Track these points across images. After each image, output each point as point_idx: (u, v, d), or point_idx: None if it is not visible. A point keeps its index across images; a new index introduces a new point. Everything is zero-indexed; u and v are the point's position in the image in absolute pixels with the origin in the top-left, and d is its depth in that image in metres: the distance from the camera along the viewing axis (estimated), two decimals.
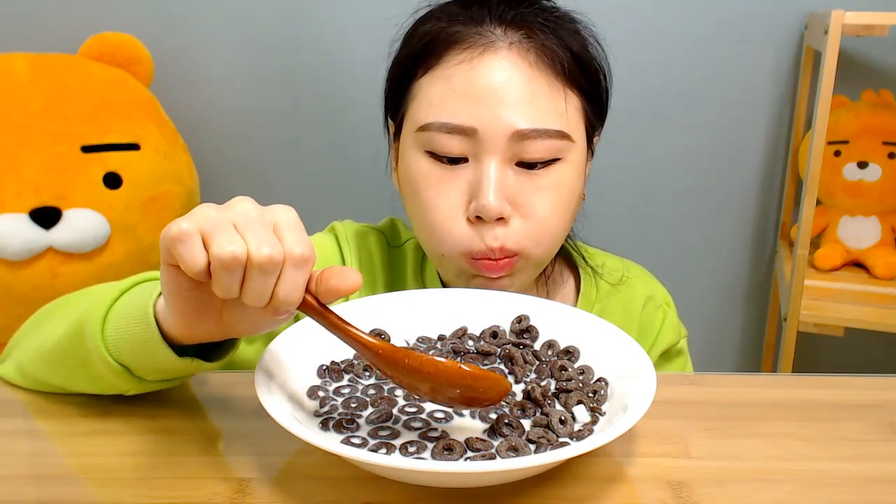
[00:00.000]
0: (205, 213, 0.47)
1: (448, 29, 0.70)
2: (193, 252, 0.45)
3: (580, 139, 0.71)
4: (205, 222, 0.46)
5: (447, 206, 0.69)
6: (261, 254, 0.45)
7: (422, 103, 0.70)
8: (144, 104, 1.40)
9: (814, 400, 0.63)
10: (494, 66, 0.67)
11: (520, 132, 0.67)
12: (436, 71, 0.69)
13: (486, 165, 0.68)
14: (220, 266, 0.45)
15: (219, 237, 0.45)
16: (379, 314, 0.64)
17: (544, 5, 0.73)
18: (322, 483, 0.51)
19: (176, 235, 0.45)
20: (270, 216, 0.48)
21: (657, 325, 0.84)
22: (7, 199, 1.22)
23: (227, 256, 0.45)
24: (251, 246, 0.45)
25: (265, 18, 1.51)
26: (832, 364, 1.67)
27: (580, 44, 0.72)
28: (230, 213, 0.47)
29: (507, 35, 0.69)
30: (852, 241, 1.54)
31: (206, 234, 0.45)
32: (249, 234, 0.46)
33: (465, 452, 0.49)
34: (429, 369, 0.49)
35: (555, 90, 0.69)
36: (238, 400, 0.62)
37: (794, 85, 1.52)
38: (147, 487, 0.50)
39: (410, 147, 0.71)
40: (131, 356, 0.54)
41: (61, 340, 0.58)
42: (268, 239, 0.46)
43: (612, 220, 1.58)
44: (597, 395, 0.56)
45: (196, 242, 0.45)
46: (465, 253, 0.70)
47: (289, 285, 0.47)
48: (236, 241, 0.45)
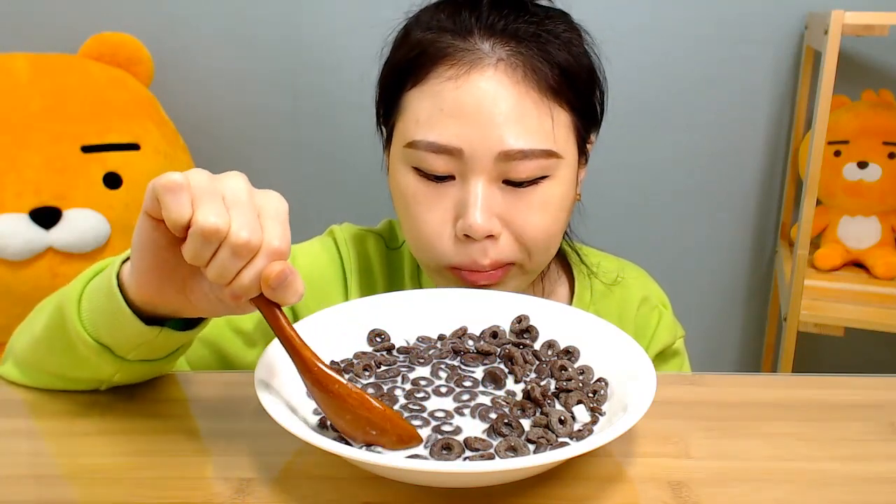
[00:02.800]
0: (198, 177, 0.47)
1: (437, 42, 0.69)
2: (180, 205, 0.46)
3: (570, 154, 0.71)
4: (196, 184, 0.47)
5: (434, 221, 0.70)
6: (239, 236, 0.46)
7: (409, 119, 0.69)
8: (144, 104, 1.40)
9: (814, 400, 0.63)
10: (481, 85, 0.67)
11: (506, 152, 0.66)
12: (424, 86, 0.69)
13: (472, 185, 0.68)
14: (199, 232, 0.46)
15: (206, 204, 0.46)
16: (379, 314, 0.64)
17: (535, 10, 0.72)
18: (322, 483, 0.51)
19: (168, 184, 0.46)
20: (260, 200, 0.49)
21: (652, 326, 0.84)
22: (7, 199, 1.22)
23: (209, 226, 0.45)
24: (233, 225, 0.46)
25: (265, 18, 1.51)
26: (832, 364, 1.67)
27: (571, 55, 0.70)
28: (221, 186, 0.48)
29: (494, 51, 0.68)
30: (852, 241, 1.54)
31: (195, 197, 0.46)
32: (235, 211, 0.47)
33: (463, 452, 0.49)
34: (353, 402, 0.48)
35: (542, 108, 0.68)
36: (238, 400, 0.62)
37: (794, 85, 1.52)
38: (147, 487, 0.50)
39: (399, 161, 0.71)
40: (105, 331, 0.55)
41: (47, 327, 0.59)
42: (251, 224, 0.47)
43: (612, 219, 1.58)
44: (597, 395, 0.56)
45: (185, 197, 0.46)
46: (452, 266, 0.70)
47: (253, 273, 0.47)
48: (221, 214, 0.46)
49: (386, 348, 0.62)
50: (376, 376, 0.59)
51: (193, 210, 0.46)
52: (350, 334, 0.62)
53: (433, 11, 0.73)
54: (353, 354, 0.61)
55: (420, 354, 0.61)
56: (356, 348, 0.62)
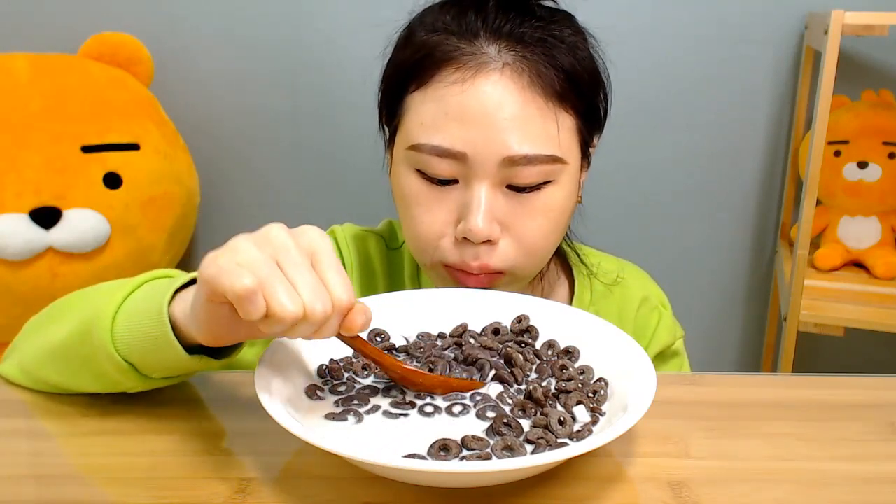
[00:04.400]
0: (251, 256, 0.47)
1: (442, 45, 0.68)
2: (258, 308, 0.46)
3: (573, 158, 0.70)
4: (257, 269, 0.46)
5: (436, 223, 0.70)
6: (315, 313, 0.47)
7: (413, 121, 0.69)
8: (144, 104, 1.40)
9: (814, 400, 0.63)
10: (486, 89, 0.66)
11: (510, 158, 0.66)
12: (428, 89, 0.68)
13: (475, 189, 0.67)
14: (278, 321, 0.46)
15: (276, 292, 0.46)
16: (379, 314, 0.64)
17: (541, 13, 0.71)
18: (322, 483, 0.51)
19: (242, 294, 0.45)
20: (307, 246, 0.49)
21: (652, 327, 0.84)
22: (7, 199, 1.22)
23: (288, 317, 0.46)
24: (306, 301, 0.47)
25: (265, 18, 1.51)
26: (832, 364, 1.67)
27: (576, 59, 0.70)
28: (272, 251, 0.48)
29: (500, 55, 0.67)
30: (852, 241, 1.54)
31: (263, 283, 0.46)
32: (299, 281, 0.47)
33: (460, 451, 0.49)
34: (435, 382, 0.57)
35: (547, 113, 0.67)
36: (238, 400, 0.62)
37: (794, 85, 1.52)
38: (147, 487, 0.50)
39: (402, 163, 0.71)
40: (140, 354, 0.55)
41: (67, 339, 0.58)
42: (319, 292, 0.47)
43: (612, 219, 1.58)
44: (597, 396, 0.56)
45: (260, 299, 0.46)
46: (445, 263, 0.71)
47: (332, 331, 0.50)
48: (294, 298, 0.46)
49: (385, 348, 0.62)
50: (375, 375, 0.59)
51: (267, 301, 0.46)
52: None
53: (438, 12, 0.72)
54: (353, 353, 0.61)
55: (421, 352, 0.61)
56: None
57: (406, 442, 0.50)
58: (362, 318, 0.50)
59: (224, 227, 1.63)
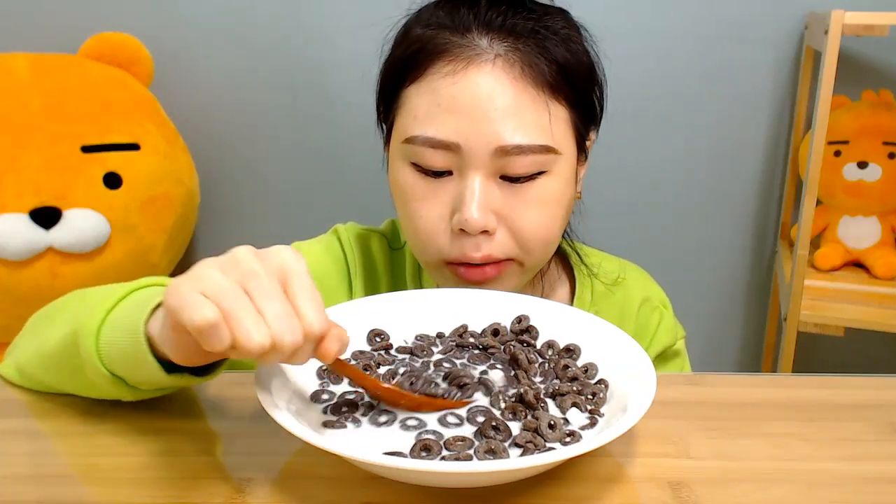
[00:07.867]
0: (216, 283, 0.44)
1: (435, 39, 0.69)
2: (221, 340, 0.43)
3: (568, 149, 0.71)
4: (222, 298, 0.44)
5: (432, 216, 0.70)
6: (283, 341, 0.44)
7: (408, 114, 0.70)
8: (144, 104, 1.40)
9: (814, 400, 0.63)
10: (479, 81, 0.67)
11: (503, 148, 0.67)
12: (421, 82, 0.69)
13: (469, 180, 0.68)
14: (246, 353, 0.44)
15: (241, 322, 0.43)
16: (379, 314, 0.64)
17: (534, 7, 0.72)
18: (322, 483, 0.51)
19: (203, 327, 0.43)
20: (277, 268, 0.46)
21: (653, 327, 0.84)
22: (7, 199, 1.22)
23: (254, 347, 0.43)
24: (274, 331, 0.44)
25: (265, 18, 1.51)
26: (832, 364, 1.67)
27: (569, 52, 0.70)
28: (239, 276, 0.45)
29: (492, 46, 0.68)
30: (852, 241, 1.54)
31: (227, 315, 0.44)
32: (267, 309, 0.44)
33: (441, 451, 0.49)
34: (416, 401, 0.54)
35: (539, 104, 0.68)
36: (238, 400, 0.62)
37: (794, 85, 1.52)
38: (147, 487, 0.50)
39: (397, 157, 0.72)
40: (123, 369, 0.54)
41: (58, 346, 0.58)
42: (288, 322, 0.45)
43: (612, 219, 1.58)
44: (595, 398, 0.55)
45: (223, 331, 0.43)
46: (447, 261, 0.71)
47: (304, 357, 0.47)
48: (260, 328, 0.44)
49: (385, 348, 0.62)
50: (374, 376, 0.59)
51: (231, 331, 0.43)
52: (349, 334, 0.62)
53: (433, 9, 0.73)
54: (352, 354, 0.61)
55: (421, 352, 0.61)
56: (355, 348, 0.62)
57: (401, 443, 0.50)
58: (336, 345, 0.47)
59: (224, 227, 1.63)
